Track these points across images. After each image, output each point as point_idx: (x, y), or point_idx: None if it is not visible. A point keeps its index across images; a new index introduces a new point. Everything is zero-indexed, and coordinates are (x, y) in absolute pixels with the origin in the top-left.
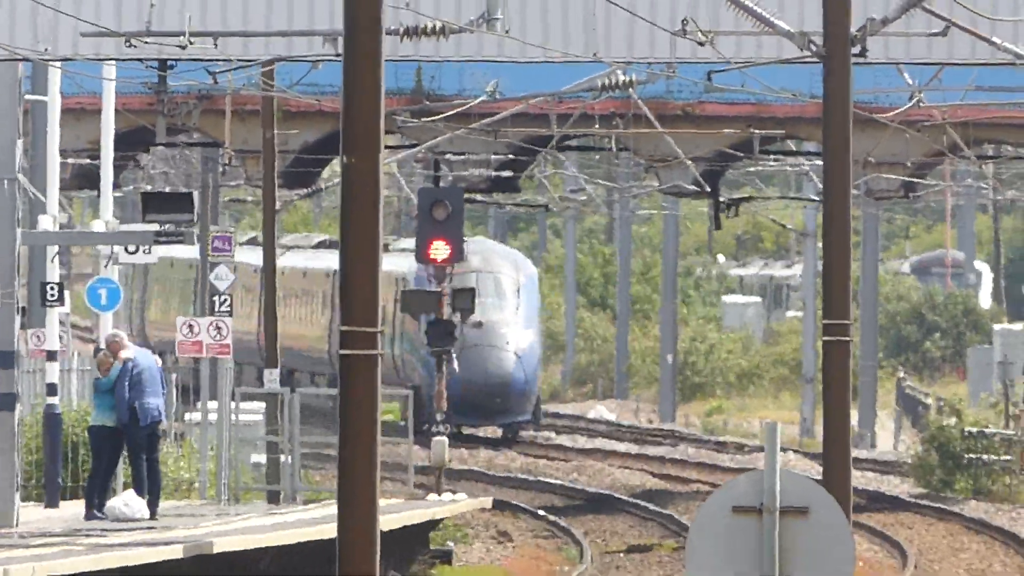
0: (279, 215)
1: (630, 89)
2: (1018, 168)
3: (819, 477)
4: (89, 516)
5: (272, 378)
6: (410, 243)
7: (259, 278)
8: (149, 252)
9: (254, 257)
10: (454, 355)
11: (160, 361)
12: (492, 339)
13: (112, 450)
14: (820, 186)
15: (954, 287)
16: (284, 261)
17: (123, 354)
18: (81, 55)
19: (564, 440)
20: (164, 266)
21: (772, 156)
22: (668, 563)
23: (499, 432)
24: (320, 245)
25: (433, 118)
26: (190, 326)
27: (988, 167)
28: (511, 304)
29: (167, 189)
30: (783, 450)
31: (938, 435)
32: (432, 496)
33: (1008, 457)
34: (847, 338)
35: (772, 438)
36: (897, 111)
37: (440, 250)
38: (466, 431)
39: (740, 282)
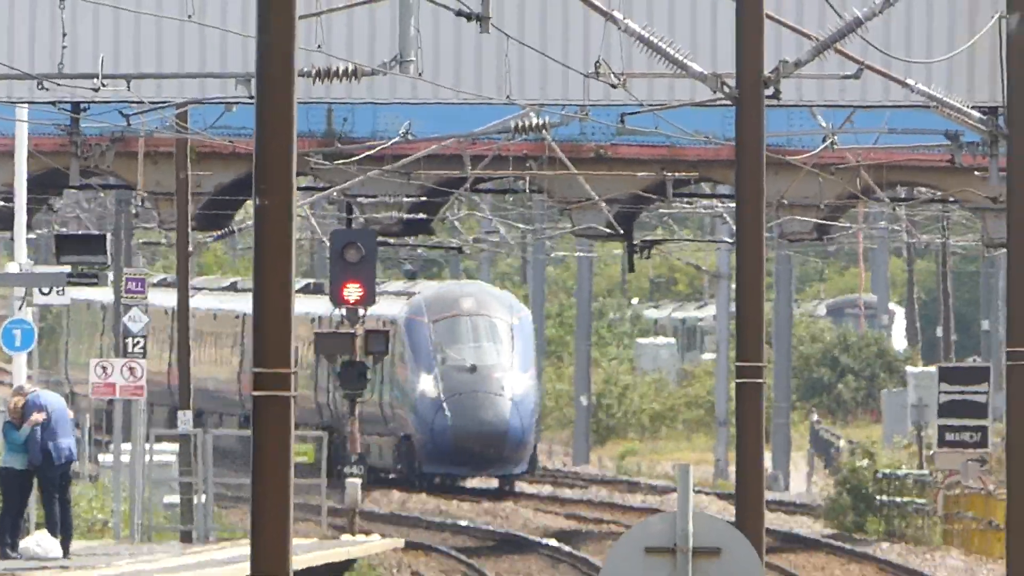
0: (193, 257)
1: (543, 131)
2: (932, 211)
3: (732, 518)
4: (2, 555)
5: (185, 419)
6: (399, 286)
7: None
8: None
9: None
10: (443, 401)
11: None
12: (486, 384)
13: (22, 491)
14: (733, 228)
15: (867, 329)
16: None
17: (30, 397)
18: None
19: (476, 483)
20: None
21: (685, 198)
22: None
23: (493, 482)
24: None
25: (345, 160)
26: (103, 367)
27: (901, 210)
28: (506, 347)
29: (80, 231)
30: (697, 491)
31: (851, 477)
32: (346, 536)
33: (922, 500)
34: (760, 380)
35: (685, 479)
36: (810, 153)
37: (353, 292)
38: (456, 482)
39: (654, 324)
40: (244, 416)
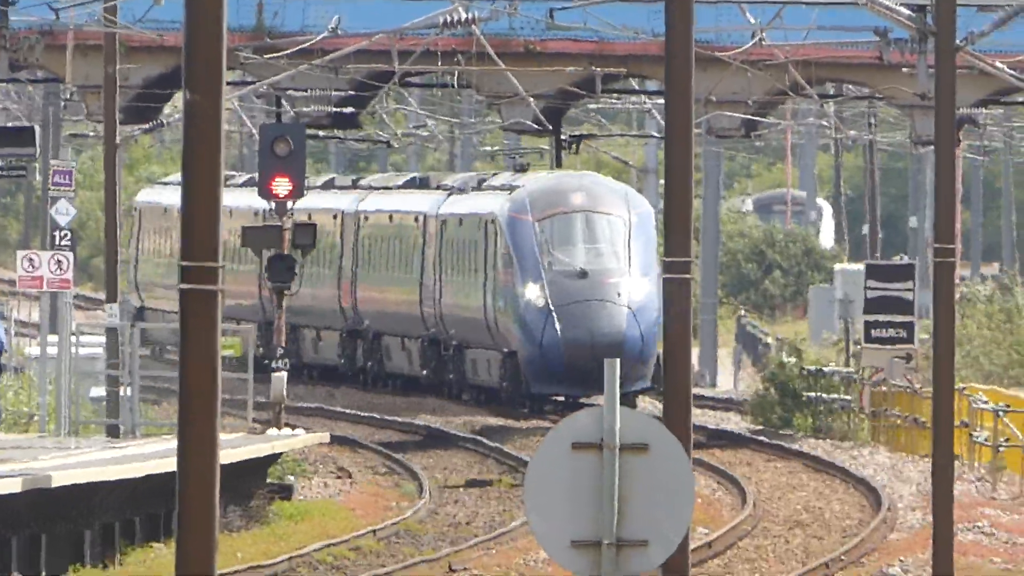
0: (120, 150)
1: (472, 26)
2: (859, 107)
3: (659, 414)
4: None
5: (112, 312)
6: (505, 179)
7: (338, 225)
8: None
9: (334, 201)
10: (553, 312)
11: None
12: (600, 292)
13: None
14: (662, 124)
15: (795, 225)
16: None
17: None
18: None
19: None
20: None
21: (614, 94)
22: (507, 498)
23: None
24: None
25: (275, 54)
26: (30, 260)
27: (829, 106)
28: (622, 249)
29: (9, 124)
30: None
31: (778, 373)
32: (272, 431)
33: (847, 396)
34: (688, 276)
35: (612, 375)
36: (739, 50)
37: (282, 185)
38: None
39: None
40: (346, 331)
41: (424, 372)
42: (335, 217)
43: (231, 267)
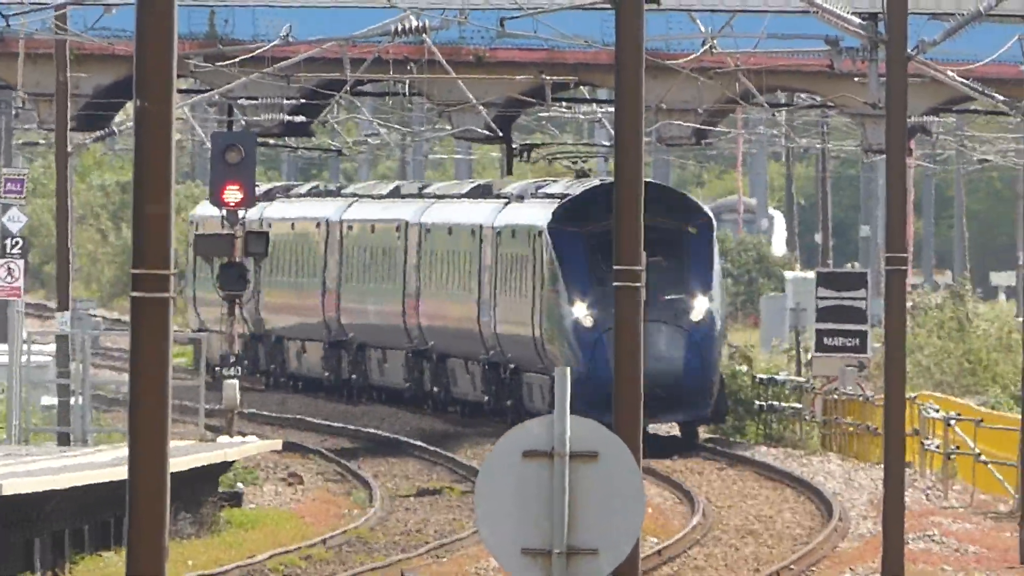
0: (72, 158)
1: (423, 34)
2: (811, 116)
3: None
4: None
5: (63, 319)
6: (562, 187)
7: (322, 234)
8: None
9: (321, 209)
10: (604, 334)
11: None
12: (656, 312)
13: None
14: (612, 132)
15: (746, 234)
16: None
17: None
18: None
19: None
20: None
21: (564, 102)
22: (457, 507)
23: (674, 430)
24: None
25: (226, 62)
26: None
27: (781, 115)
28: (679, 264)
29: None
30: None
31: (729, 381)
32: (223, 438)
33: (798, 404)
34: (638, 284)
35: (563, 383)
36: (689, 58)
37: (233, 193)
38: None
39: None
40: (412, 352)
41: (486, 398)
42: (398, 229)
43: (294, 280)
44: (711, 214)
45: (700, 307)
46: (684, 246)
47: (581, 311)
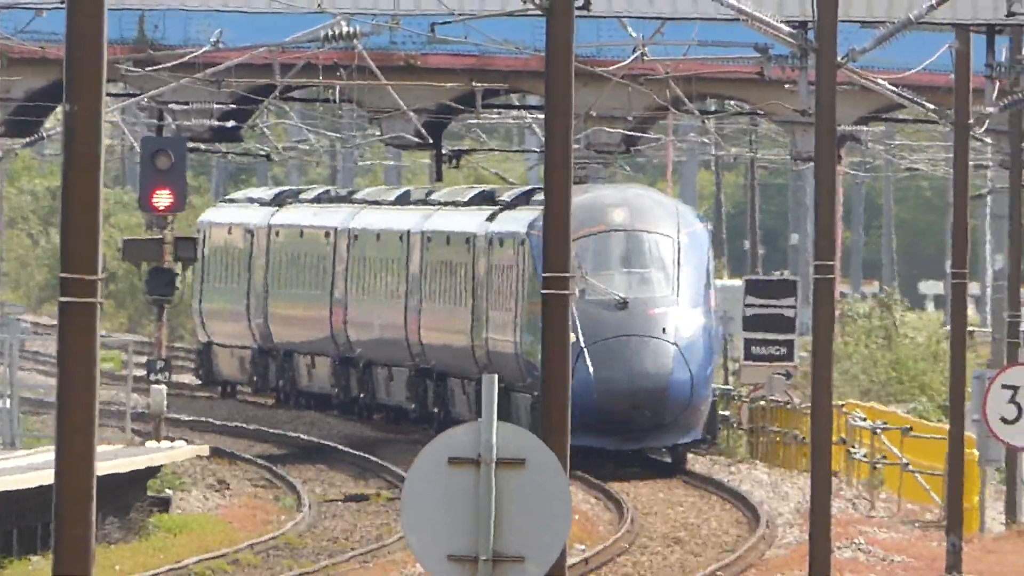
0: (2, 163)
1: (354, 40)
2: (740, 123)
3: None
4: None
5: None
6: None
7: (330, 245)
8: None
9: (329, 218)
10: (585, 349)
11: None
12: (642, 325)
13: None
14: (542, 139)
15: None
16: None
17: None
18: None
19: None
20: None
21: (495, 109)
22: (384, 512)
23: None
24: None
25: (157, 67)
26: None
27: (710, 122)
28: (669, 275)
29: None
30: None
31: None
32: (151, 443)
33: (726, 412)
34: (567, 291)
35: (490, 390)
36: (620, 64)
37: (163, 198)
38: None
39: None
40: (415, 369)
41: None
42: (401, 239)
43: (301, 292)
44: (704, 222)
45: (690, 321)
46: (675, 255)
47: None
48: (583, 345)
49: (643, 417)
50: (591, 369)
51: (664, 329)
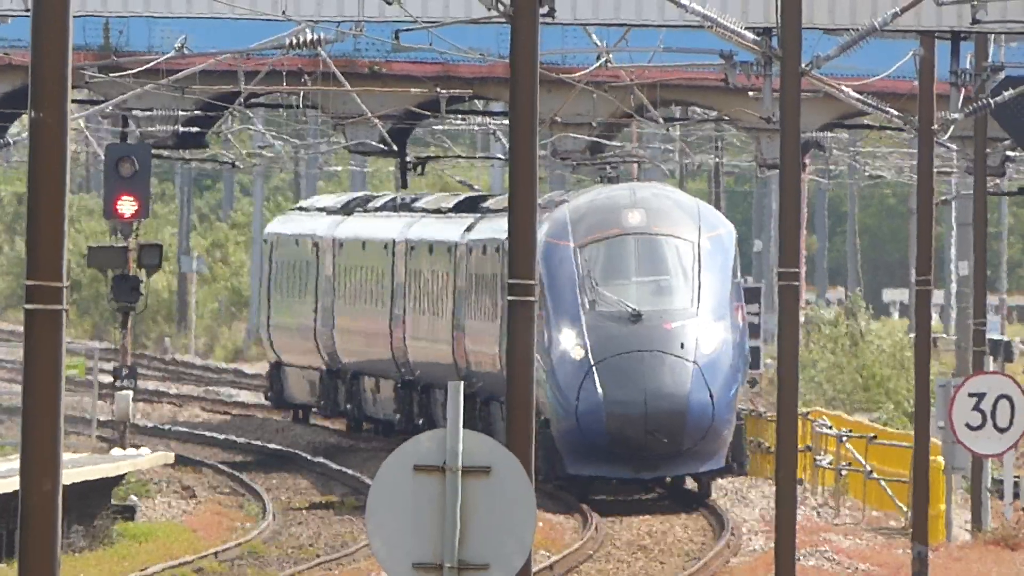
0: None
1: (318, 47)
2: (705, 131)
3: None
4: None
5: None
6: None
7: (395, 257)
8: None
9: (387, 227)
10: (594, 367)
11: None
12: (657, 340)
13: None
14: (507, 146)
15: None
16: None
17: None
18: None
19: (247, 397)
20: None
21: (459, 115)
22: (350, 520)
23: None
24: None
25: (121, 73)
26: None
27: (675, 129)
28: (689, 284)
29: None
30: None
31: None
32: (116, 450)
33: None
34: (531, 298)
35: (455, 397)
36: (584, 71)
37: (127, 205)
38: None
39: None
40: (402, 381)
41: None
42: (449, 252)
43: (365, 309)
44: (728, 224)
45: (711, 335)
46: (695, 261)
47: (569, 340)
48: (592, 363)
49: (658, 443)
50: (600, 390)
51: (682, 345)
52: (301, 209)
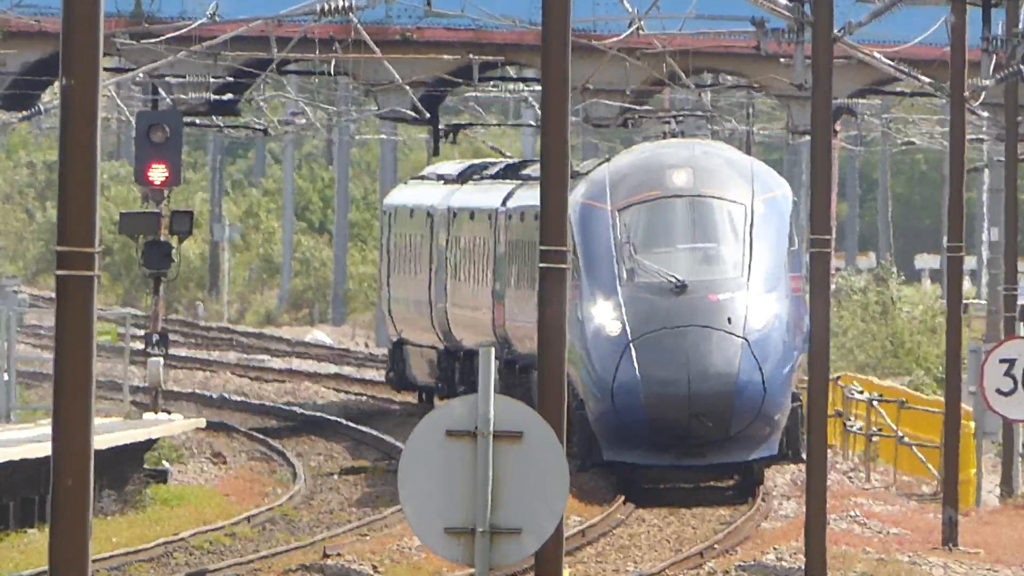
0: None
1: (350, 13)
2: (737, 97)
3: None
4: None
5: None
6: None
7: (490, 229)
8: None
9: (485, 197)
10: (632, 343)
11: None
12: (703, 314)
13: None
14: (539, 113)
15: None
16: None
17: None
18: None
19: (279, 363)
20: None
21: (491, 82)
22: (381, 485)
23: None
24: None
25: (153, 40)
26: None
27: (707, 96)
28: (739, 251)
29: None
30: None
31: None
32: (148, 415)
33: None
34: (564, 266)
35: (487, 363)
36: (617, 38)
37: (158, 172)
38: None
39: None
40: (504, 360)
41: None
42: (536, 218)
43: (471, 286)
44: (785, 186)
45: (763, 309)
46: (747, 228)
47: (605, 314)
48: (629, 339)
49: (703, 428)
50: (638, 369)
51: (730, 319)
52: (421, 178)
